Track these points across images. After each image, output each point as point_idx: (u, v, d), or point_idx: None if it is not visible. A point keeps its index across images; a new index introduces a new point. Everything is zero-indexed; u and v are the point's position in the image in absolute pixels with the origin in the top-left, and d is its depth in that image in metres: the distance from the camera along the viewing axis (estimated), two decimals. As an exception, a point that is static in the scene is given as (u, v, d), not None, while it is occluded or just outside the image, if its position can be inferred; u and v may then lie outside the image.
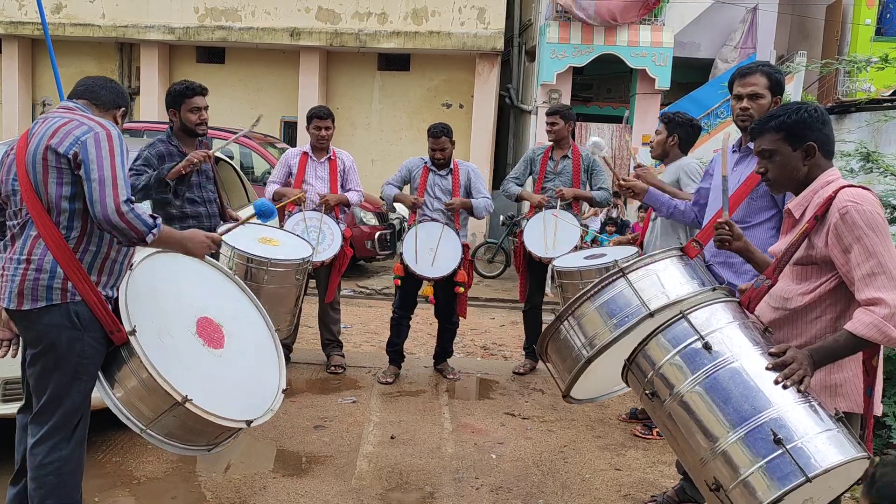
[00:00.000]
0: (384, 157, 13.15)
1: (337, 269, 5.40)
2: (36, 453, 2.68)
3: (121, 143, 2.64)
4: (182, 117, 4.20)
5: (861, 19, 13.13)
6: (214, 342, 2.83)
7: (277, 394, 2.95)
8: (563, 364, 2.53)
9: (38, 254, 2.60)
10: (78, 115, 2.69)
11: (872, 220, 2.18)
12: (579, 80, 13.87)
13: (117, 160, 2.59)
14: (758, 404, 2.06)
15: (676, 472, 3.70)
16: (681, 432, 2.18)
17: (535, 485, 3.81)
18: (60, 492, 2.70)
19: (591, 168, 5.43)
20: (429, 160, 5.34)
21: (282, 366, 3.07)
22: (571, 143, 5.50)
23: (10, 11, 13.49)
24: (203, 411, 2.59)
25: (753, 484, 1.99)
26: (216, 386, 2.75)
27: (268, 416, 2.86)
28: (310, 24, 12.92)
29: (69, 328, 2.62)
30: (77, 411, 2.70)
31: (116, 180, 2.56)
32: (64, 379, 2.65)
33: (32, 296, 2.59)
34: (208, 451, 2.86)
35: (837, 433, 2.03)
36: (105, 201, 2.53)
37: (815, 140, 2.34)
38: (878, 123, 6.98)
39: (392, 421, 4.58)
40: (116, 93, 2.89)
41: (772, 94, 3.18)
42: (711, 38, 13.29)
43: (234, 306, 3.08)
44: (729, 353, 2.15)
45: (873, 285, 2.14)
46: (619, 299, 2.38)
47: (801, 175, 2.37)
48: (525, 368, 5.66)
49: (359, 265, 10.32)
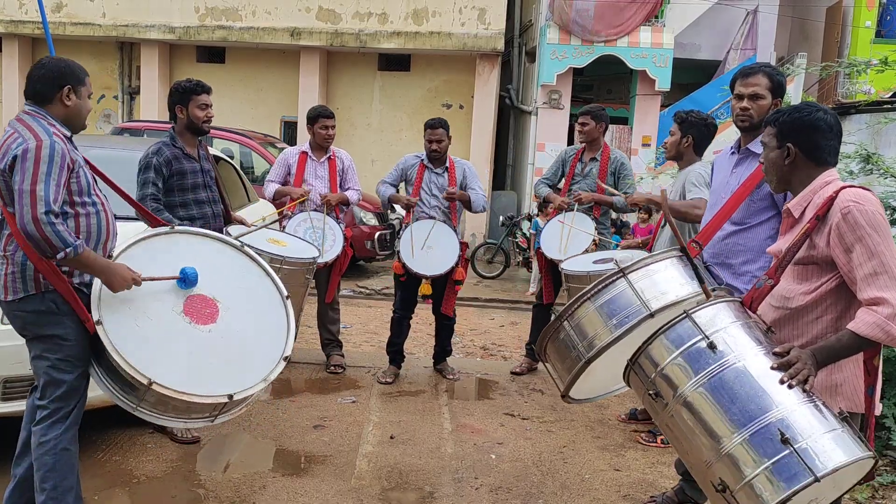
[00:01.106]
0: (384, 158, 13.14)
1: (337, 269, 5.41)
2: (36, 433, 2.87)
3: (50, 154, 2.66)
4: (190, 113, 4.20)
5: (861, 21, 13.15)
6: (205, 318, 2.91)
7: (277, 364, 2.96)
8: (562, 364, 2.53)
9: (11, 250, 2.78)
10: (24, 125, 2.75)
11: (874, 219, 2.19)
12: (579, 80, 13.88)
13: (41, 170, 2.63)
14: (763, 404, 2.05)
15: (676, 473, 3.70)
16: (684, 433, 2.18)
17: (534, 485, 3.81)
18: (57, 473, 2.84)
19: (618, 172, 5.32)
20: (425, 157, 5.32)
21: (290, 334, 3.07)
22: (603, 143, 5.41)
23: (10, 10, 13.49)
24: (173, 391, 2.68)
25: (761, 485, 1.99)
26: (198, 363, 2.82)
27: (260, 388, 2.89)
28: (310, 24, 12.93)
29: (49, 314, 2.80)
30: (74, 392, 2.88)
31: (36, 192, 2.60)
32: (55, 362, 2.83)
33: (13, 287, 2.79)
34: (212, 421, 2.94)
35: (843, 433, 2.03)
36: (23, 211, 2.60)
37: (796, 143, 2.36)
38: (878, 125, 6.99)
39: (392, 421, 4.59)
40: (48, 78, 2.82)
41: (773, 96, 3.18)
42: (712, 39, 13.31)
43: (240, 280, 3.12)
44: (733, 353, 2.15)
45: (875, 285, 2.15)
46: (620, 300, 2.38)
47: (784, 172, 2.40)
48: (523, 368, 5.65)
49: (358, 265, 10.32)
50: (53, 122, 2.80)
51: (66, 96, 2.83)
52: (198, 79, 4.37)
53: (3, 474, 3.51)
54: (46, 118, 2.80)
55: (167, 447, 3.99)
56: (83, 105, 2.90)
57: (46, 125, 2.76)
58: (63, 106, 2.83)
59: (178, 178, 4.15)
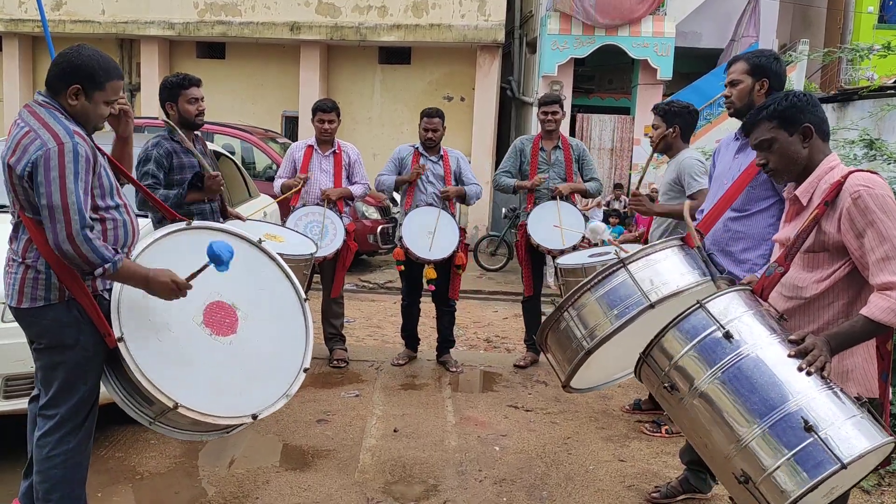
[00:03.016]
0: (386, 151, 13.02)
1: (342, 263, 5.41)
2: (42, 445, 2.68)
3: (75, 158, 2.44)
4: (181, 109, 4.16)
5: (863, 7, 13.07)
6: (225, 329, 2.74)
7: (297, 376, 2.83)
8: (563, 354, 2.52)
9: (32, 257, 2.58)
10: (39, 120, 2.50)
11: (885, 203, 2.16)
12: (581, 71, 13.83)
13: (69, 182, 2.41)
14: (783, 393, 2.03)
15: (680, 463, 3.69)
16: (703, 426, 2.15)
17: (538, 477, 3.80)
18: (65, 486, 2.69)
19: (581, 158, 5.49)
20: (419, 145, 5.42)
21: (308, 342, 2.93)
22: (560, 133, 5.55)
23: (10, 9, 13.48)
24: (198, 413, 2.55)
25: (785, 475, 1.97)
26: (221, 379, 2.69)
27: (281, 403, 2.77)
28: (310, 18, 12.89)
29: (70, 324, 2.60)
30: (85, 404, 2.69)
31: (68, 207, 2.40)
32: (70, 372, 2.64)
33: (32, 295, 2.59)
34: (227, 433, 2.84)
35: (862, 419, 2.02)
36: (56, 229, 2.41)
37: (809, 122, 2.32)
38: (881, 112, 6.95)
39: (395, 414, 4.58)
40: (61, 70, 2.57)
41: (752, 77, 3.15)
42: (713, 27, 13.24)
43: (257, 282, 2.93)
44: (749, 343, 2.12)
45: (888, 269, 2.12)
46: (620, 290, 2.37)
47: (802, 159, 2.34)
48: (526, 361, 5.65)
49: (361, 259, 10.31)
50: (70, 118, 2.56)
51: (71, 95, 2.56)
52: (185, 72, 4.34)
53: (2, 472, 3.52)
54: (62, 111, 2.55)
55: (170, 443, 3.98)
56: (92, 110, 2.60)
57: (65, 121, 2.51)
58: (69, 104, 2.58)
59: (177, 172, 4.13)
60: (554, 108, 5.42)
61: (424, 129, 5.35)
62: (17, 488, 2.94)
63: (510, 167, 5.57)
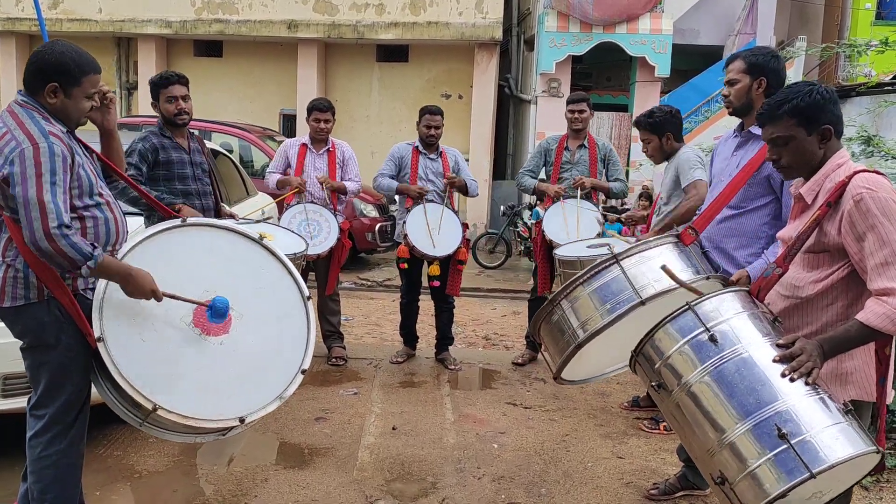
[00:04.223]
0: (384, 149, 12.99)
1: (336, 261, 5.41)
2: (34, 445, 2.68)
3: (50, 158, 2.41)
4: (161, 107, 4.14)
5: (861, 3, 13.07)
6: (216, 329, 2.65)
7: (294, 378, 2.72)
8: (554, 347, 2.53)
9: (12, 255, 2.57)
10: (16, 121, 2.49)
11: (887, 207, 2.11)
12: (578, 68, 13.81)
13: (45, 180, 2.39)
14: (764, 397, 2.03)
15: (678, 460, 3.69)
16: (689, 423, 2.16)
17: (537, 474, 3.81)
18: (58, 486, 2.69)
19: (607, 158, 5.42)
20: (418, 142, 5.42)
21: (309, 342, 2.80)
22: (587, 132, 5.47)
23: (7, 7, 13.45)
24: (179, 416, 2.48)
25: (760, 477, 1.97)
26: (208, 381, 2.60)
27: (274, 406, 2.66)
28: (307, 16, 12.87)
29: (51, 323, 2.60)
30: (73, 404, 2.68)
31: (45, 205, 2.37)
32: (55, 371, 2.63)
33: (12, 294, 2.58)
34: (223, 436, 2.76)
35: (847, 426, 1.99)
36: (33, 227, 2.37)
37: (829, 122, 2.26)
38: (878, 108, 6.94)
39: (393, 412, 4.58)
40: (36, 69, 2.53)
41: (750, 76, 3.14)
42: (711, 24, 13.22)
43: (255, 280, 2.81)
44: (736, 345, 2.12)
45: (886, 275, 2.08)
46: (612, 285, 2.37)
47: (817, 159, 2.29)
48: (524, 359, 5.66)
49: (360, 257, 10.31)
50: (49, 116, 2.54)
51: (49, 94, 2.54)
52: (174, 70, 4.32)
53: (2, 472, 3.52)
54: (41, 111, 2.53)
55: (168, 442, 3.97)
56: (72, 106, 2.58)
57: (41, 120, 2.50)
58: (48, 102, 2.55)
59: (164, 167, 4.12)
60: (581, 105, 5.36)
61: (426, 126, 5.34)
62: (16, 488, 2.93)
63: (534, 167, 5.53)
